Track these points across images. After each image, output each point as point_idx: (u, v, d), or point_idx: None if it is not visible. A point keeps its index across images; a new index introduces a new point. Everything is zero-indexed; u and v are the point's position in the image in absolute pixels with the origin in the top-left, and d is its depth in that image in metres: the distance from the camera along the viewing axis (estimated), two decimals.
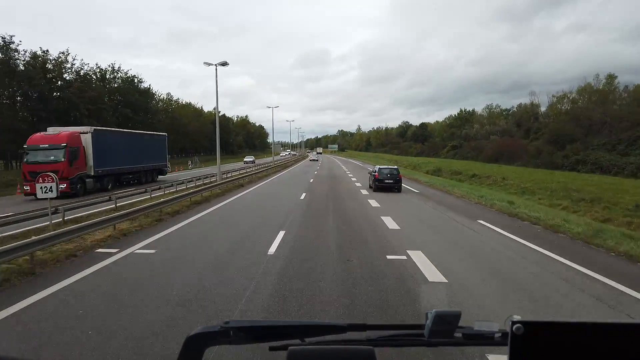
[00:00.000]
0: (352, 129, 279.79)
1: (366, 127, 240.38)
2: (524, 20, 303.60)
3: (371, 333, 1.02)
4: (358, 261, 8.77)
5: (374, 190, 24.15)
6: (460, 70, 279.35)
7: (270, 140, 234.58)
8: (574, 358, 0.82)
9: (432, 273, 7.91)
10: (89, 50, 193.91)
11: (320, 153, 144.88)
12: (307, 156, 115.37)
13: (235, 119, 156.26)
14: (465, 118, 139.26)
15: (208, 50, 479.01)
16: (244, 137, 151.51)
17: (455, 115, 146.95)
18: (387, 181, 23.84)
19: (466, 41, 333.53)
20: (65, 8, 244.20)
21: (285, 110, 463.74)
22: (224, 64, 28.96)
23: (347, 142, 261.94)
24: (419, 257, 9.04)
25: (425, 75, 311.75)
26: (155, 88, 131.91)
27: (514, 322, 0.81)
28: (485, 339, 0.97)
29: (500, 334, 0.95)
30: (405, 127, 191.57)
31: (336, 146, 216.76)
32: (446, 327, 0.95)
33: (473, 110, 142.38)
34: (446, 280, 7.47)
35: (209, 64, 28.80)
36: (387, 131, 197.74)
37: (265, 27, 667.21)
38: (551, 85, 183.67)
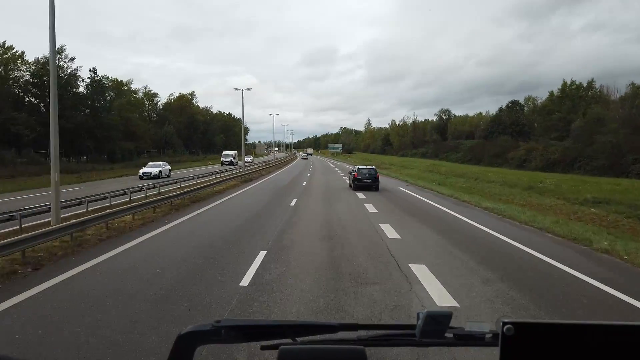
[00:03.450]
0: (356, 129, 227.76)
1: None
2: (542, 17, 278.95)
3: (362, 333, 1.01)
4: None
5: (354, 189, 24.85)
6: (469, 70, 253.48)
7: (253, 140, 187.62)
8: (565, 359, 0.82)
9: None
10: (89, 47, 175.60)
11: (311, 154, 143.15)
12: (279, 169, 52.12)
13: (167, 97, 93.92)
14: (578, 97, 76.75)
15: (211, 49, 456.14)
16: (182, 129, 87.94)
17: (554, 93, 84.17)
18: (365, 180, 24.89)
19: (478, 40, 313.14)
20: (64, 4, 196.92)
21: (287, 110, 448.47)
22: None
23: (353, 142, 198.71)
24: None
25: (432, 75, 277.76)
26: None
27: (504, 323, 0.81)
28: (476, 340, 0.95)
29: (491, 335, 0.93)
30: (444, 120, 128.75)
31: (340, 146, 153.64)
32: (437, 328, 0.94)
33: (591, 81, 79.78)
34: None
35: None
36: (417, 125, 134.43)
37: (271, 25, 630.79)
38: (559, 87, 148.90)
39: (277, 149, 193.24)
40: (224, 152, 59.88)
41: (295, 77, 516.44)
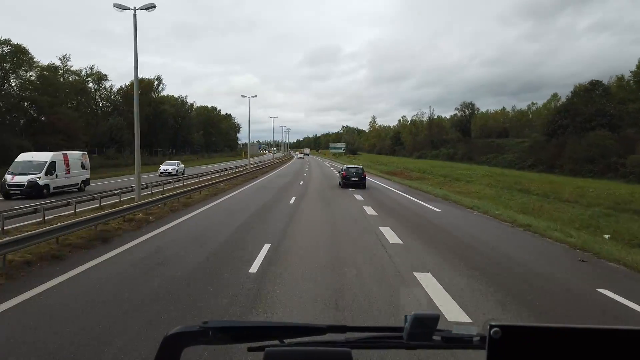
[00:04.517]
0: (359, 128, 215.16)
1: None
2: (548, 16, 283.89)
3: (350, 335, 1.00)
4: None
5: (342, 187, 25.41)
6: (473, 70, 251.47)
7: (244, 139, 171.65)
8: None
9: None
10: (89, 46, 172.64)
11: (307, 154, 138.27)
12: (243, 185, 31.21)
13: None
14: None
15: (213, 48, 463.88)
16: (141, 122, 68.11)
17: (625, 77, 63.82)
18: (353, 179, 25.68)
19: (483, 40, 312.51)
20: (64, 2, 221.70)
21: (289, 110, 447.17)
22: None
23: (356, 141, 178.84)
24: None
25: (436, 75, 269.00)
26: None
27: (492, 326, 0.81)
28: (463, 342, 0.95)
29: (478, 338, 0.93)
30: (466, 115, 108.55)
31: (343, 146, 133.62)
32: (425, 330, 0.94)
33: None
34: None
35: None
36: (433, 122, 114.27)
37: (274, 24, 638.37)
38: (562, 88, 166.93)
39: (274, 148, 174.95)
40: (19, 157, 20.66)
41: (297, 77, 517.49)
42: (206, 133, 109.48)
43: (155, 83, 76.00)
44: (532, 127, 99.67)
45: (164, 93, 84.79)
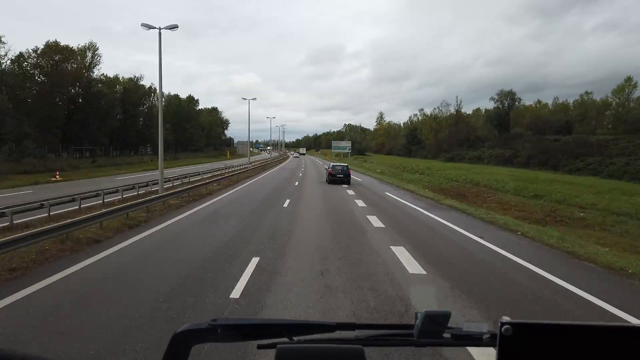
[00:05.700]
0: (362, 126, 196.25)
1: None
2: (555, 15, 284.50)
3: (360, 332, 1.00)
4: None
5: (328, 183, 27.22)
6: (476, 70, 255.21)
7: (242, 137, 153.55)
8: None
9: None
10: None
11: (303, 154, 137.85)
12: None
13: None
14: None
15: (214, 46, 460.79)
16: (56, 108, 45.50)
17: None
18: (338, 175, 27.41)
19: (488, 39, 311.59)
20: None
21: (290, 110, 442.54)
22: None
23: (362, 141, 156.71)
24: None
25: (438, 75, 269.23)
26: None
27: (502, 323, 0.81)
28: (474, 340, 0.95)
29: (489, 335, 0.92)
30: (505, 107, 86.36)
31: (348, 145, 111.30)
32: (435, 328, 0.94)
33: None
34: None
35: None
36: (461, 116, 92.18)
37: (276, 22, 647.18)
38: (567, 88, 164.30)
39: (269, 148, 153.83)
40: None
41: (299, 76, 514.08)
42: (178, 128, 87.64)
43: (89, 55, 53.56)
44: (594, 120, 78.66)
45: (110, 74, 62.89)
